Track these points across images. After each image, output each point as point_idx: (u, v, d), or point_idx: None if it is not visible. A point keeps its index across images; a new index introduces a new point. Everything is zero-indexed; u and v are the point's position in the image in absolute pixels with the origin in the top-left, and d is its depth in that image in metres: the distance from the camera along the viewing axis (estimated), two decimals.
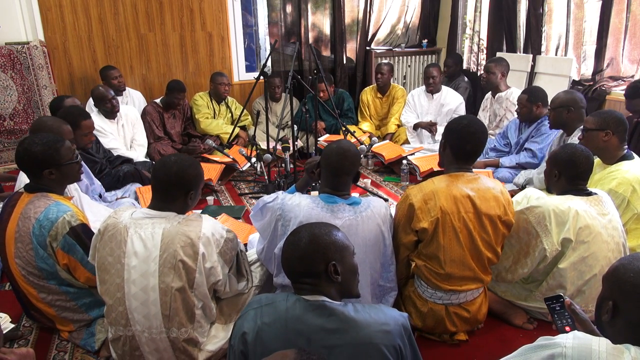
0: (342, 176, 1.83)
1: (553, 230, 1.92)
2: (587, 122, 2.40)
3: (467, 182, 1.87)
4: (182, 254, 1.62)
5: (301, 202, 1.80)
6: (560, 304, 1.41)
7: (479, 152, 1.94)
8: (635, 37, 3.76)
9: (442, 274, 1.87)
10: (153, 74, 4.81)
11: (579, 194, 1.99)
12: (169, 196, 1.72)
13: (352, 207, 1.80)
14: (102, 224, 1.72)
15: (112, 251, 1.66)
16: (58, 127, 2.44)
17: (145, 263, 1.63)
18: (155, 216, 1.69)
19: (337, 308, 1.27)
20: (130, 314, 1.64)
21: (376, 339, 1.23)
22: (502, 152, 3.70)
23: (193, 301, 1.66)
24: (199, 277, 1.65)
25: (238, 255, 1.88)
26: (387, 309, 1.33)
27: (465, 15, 5.29)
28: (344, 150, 1.82)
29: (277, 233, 1.84)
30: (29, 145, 1.90)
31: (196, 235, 1.64)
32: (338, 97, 4.86)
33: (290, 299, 1.30)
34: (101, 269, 1.70)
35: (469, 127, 1.88)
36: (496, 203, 1.86)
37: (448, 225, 1.81)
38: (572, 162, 1.98)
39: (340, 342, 1.23)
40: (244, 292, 1.90)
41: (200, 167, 1.82)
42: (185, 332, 1.67)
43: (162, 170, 1.71)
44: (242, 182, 3.98)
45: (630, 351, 1.01)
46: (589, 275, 1.96)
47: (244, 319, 1.31)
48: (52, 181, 1.96)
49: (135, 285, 1.63)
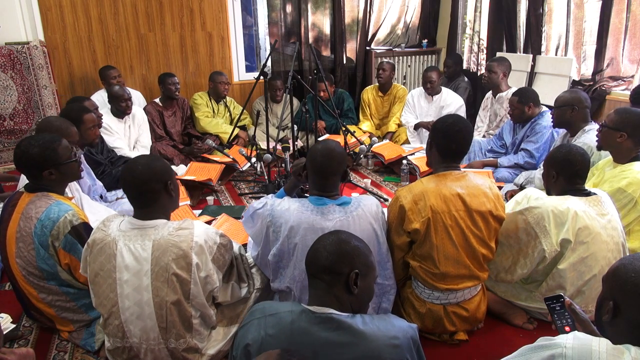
0: (330, 177, 1.80)
1: (552, 231, 1.92)
2: (608, 117, 2.36)
3: (456, 180, 1.88)
4: (174, 267, 1.57)
5: (290, 207, 1.78)
6: (560, 304, 1.41)
7: (465, 150, 1.94)
8: (635, 37, 3.76)
9: (438, 273, 1.87)
10: (153, 74, 4.80)
11: (578, 194, 1.99)
12: (150, 198, 1.64)
13: (342, 208, 1.78)
14: (91, 236, 1.68)
15: (102, 265, 1.62)
16: (66, 128, 2.44)
17: (137, 277, 1.59)
18: (143, 226, 1.63)
19: (345, 320, 1.23)
20: (127, 327, 1.62)
21: (384, 353, 1.20)
22: (498, 154, 3.71)
23: (190, 312, 1.63)
24: (195, 288, 1.61)
25: (237, 260, 1.86)
26: (395, 320, 1.30)
27: (465, 15, 5.29)
28: (329, 151, 1.79)
29: (269, 239, 1.82)
30: (26, 147, 1.89)
31: (188, 245, 1.59)
32: (338, 97, 4.86)
33: (295, 310, 1.26)
34: (94, 283, 1.67)
35: (454, 126, 1.89)
36: (486, 199, 1.87)
37: (440, 225, 1.82)
38: (568, 162, 1.98)
39: (348, 356, 1.19)
40: (246, 297, 1.89)
41: (161, 158, 1.77)
42: (184, 342, 1.65)
43: (129, 173, 1.63)
44: (242, 182, 3.98)
45: (631, 351, 1.01)
46: (589, 276, 1.95)
47: (247, 329, 1.28)
48: (53, 181, 1.96)
49: (129, 300, 1.59)
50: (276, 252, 1.79)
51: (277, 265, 1.81)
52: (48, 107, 4.29)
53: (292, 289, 1.79)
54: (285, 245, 1.77)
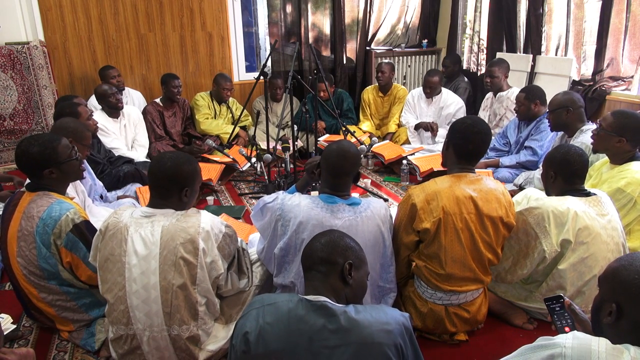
0: (342, 177, 1.83)
1: (552, 231, 1.92)
2: (605, 120, 2.33)
3: (470, 182, 1.87)
4: (182, 251, 1.63)
5: (301, 203, 1.80)
6: (560, 305, 1.41)
7: (482, 153, 1.93)
8: (635, 37, 3.76)
9: (443, 274, 1.86)
10: (153, 74, 4.81)
11: (578, 195, 1.99)
12: (165, 192, 1.73)
13: (352, 208, 1.80)
14: (103, 223, 1.73)
15: (113, 250, 1.67)
16: (82, 132, 2.49)
17: (146, 261, 1.63)
18: (153, 214, 1.70)
19: (339, 309, 1.28)
20: (132, 311, 1.64)
21: (378, 338, 1.23)
22: (501, 152, 3.71)
23: (196, 297, 1.67)
24: (201, 273, 1.66)
25: (239, 252, 1.89)
26: (388, 309, 1.34)
27: (465, 15, 5.29)
28: (344, 152, 1.82)
29: (276, 233, 1.84)
30: (27, 146, 1.90)
31: (195, 230, 1.65)
32: (337, 97, 4.86)
33: (293, 300, 1.31)
34: (102, 268, 1.71)
35: (473, 127, 1.88)
36: (498, 205, 1.86)
37: (450, 226, 1.81)
38: (567, 161, 1.98)
39: (342, 342, 1.23)
40: (244, 290, 1.90)
41: (196, 164, 1.82)
42: (188, 330, 1.67)
43: (157, 165, 1.73)
44: (242, 182, 3.98)
45: (630, 351, 1.01)
46: (589, 276, 1.95)
47: (246, 318, 1.31)
48: (54, 180, 1.96)
49: (137, 284, 1.63)
50: (283, 246, 1.81)
51: (283, 259, 1.83)
52: (48, 107, 4.29)
53: (296, 284, 1.80)
54: (292, 240, 1.79)
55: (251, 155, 3.79)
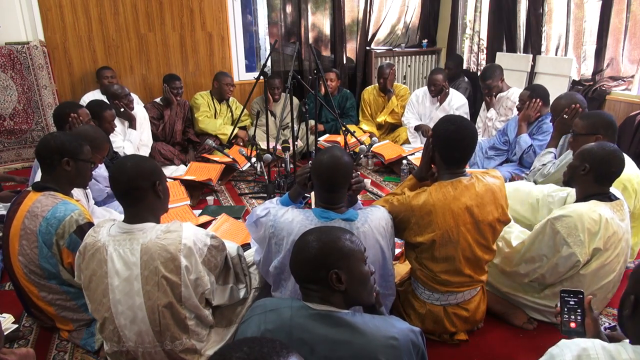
0: (335, 191, 1.72)
1: (585, 240, 1.86)
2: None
3: (465, 189, 1.80)
4: (163, 270, 1.54)
5: (294, 220, 1.71)
6: (576, 300, 1.39)
7: (469, 157, 1.88)
8: (635, 37, 3.76)
9: (438, 279, 1.87)
10: (153, 74, 4.80)
11: (604, 199, 1.93)
12: (136, 196, 1.62)
13: (348, 224, 1.69)
14: (82, 243, 1.67)
15: (94, 272, 1.61)
16: (101, 143, 2.52)
17: (128, 282, 1.57)
18: (131, 230, 1.60)
19: (344, 318, 1.22)
20: (122, 331, 1.61)
21: (381, 353, 1.18)
22: (501, 151, 3.69)
23: (184, 314, 1.62)
24: (186, 291, 1.59)
25: (234, 261, 1.83)
26: (397, 322, 1.28)
27: (465, 15, 5.29)
28: (334, 163, 1.69)
29: (271, 249, 1.77)
30: (57, 134, 2.03)
31: (176, 248, 1.55)
32: (342, 96, 4.86)
33: (295, 305, 1.26)
34: (88, 289, 1.66)
35: (457, 134, 1.80)
36: (494, 206, 1.83)
37: (445, 240, 1.79)
38: (607, 162, 1.89)
39: (344, 353, 1.19)
40: (245, 297, 1.88)
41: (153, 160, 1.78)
42: (181, 344, 1.64)
43: (117, 169, 1.63)
44: (242, 182, 3.98)
45: (628, 351, 1.02)
46: (605, 281, 1.95)
47: (247, 324, 1.28)
48: (64, 176, 1.98)
49: (122, 305, 1.58)
50: (277, 265, 1.74)
51: (279, 277, 1.77)
52: (48, 107, 4.29)
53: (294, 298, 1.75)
54: (286, 259, 1.69)
55: (251, 155, 3.79)
